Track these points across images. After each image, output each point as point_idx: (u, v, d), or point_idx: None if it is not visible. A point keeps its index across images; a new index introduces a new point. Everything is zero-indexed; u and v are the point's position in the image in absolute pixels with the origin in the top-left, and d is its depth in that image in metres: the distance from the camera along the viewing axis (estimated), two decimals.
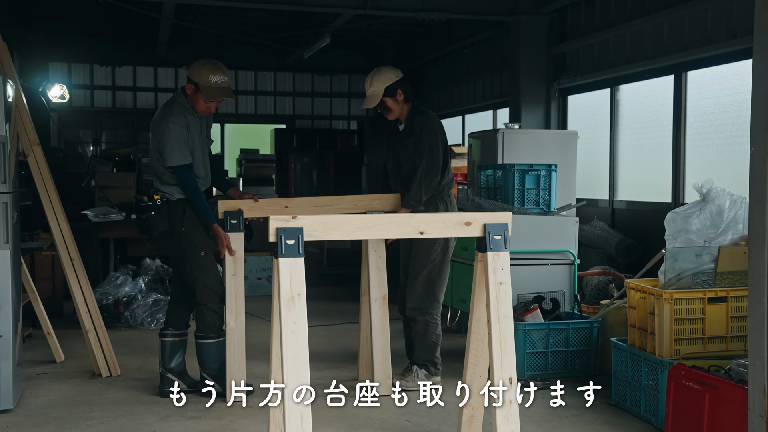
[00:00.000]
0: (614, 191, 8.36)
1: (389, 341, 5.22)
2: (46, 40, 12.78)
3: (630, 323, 4.86)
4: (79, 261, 5.65)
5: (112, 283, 7.61)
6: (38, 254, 7.50)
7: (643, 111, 8.07)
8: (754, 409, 3.14)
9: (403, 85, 5.27)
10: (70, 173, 10.08)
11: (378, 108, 5.34)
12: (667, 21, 7.39)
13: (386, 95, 5.25)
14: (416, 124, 5.25)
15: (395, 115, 5.34)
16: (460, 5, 9.21)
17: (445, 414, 4.72)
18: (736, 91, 6.72)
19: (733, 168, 6.69)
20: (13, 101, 5.10)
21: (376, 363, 5.15)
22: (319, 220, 3.46)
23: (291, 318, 3.20)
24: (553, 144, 7.51)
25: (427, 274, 5.25)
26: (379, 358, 5.15)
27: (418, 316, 5.28)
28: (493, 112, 11.32)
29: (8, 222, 4.74)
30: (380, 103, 5.28)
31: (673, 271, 4.67)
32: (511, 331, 3.56)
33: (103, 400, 5.06)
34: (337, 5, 9.23)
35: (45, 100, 11.21)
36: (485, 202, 6.32)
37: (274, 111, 14.60)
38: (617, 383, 4.96)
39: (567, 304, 6.15)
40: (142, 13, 10.24)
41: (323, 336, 6.97)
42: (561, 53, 9.26)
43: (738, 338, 4.56)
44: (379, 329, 5.15)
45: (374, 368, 5.15)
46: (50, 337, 6.06)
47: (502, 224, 3.59)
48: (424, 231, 3.58)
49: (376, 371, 5.14)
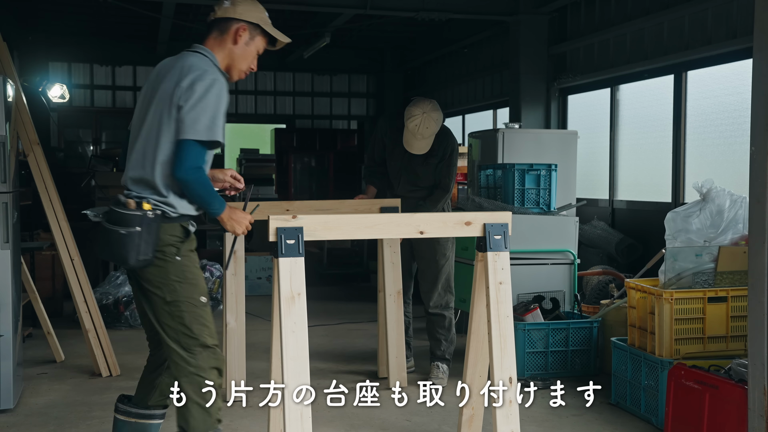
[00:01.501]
0: (614, 191, 8.35)
1: (404, 335, 5.39)
2: (46, 39, 12.77)
3: (630, 323, 4.86)
4: (79, 261, 5.65)
5: (112, 283, 7.61)
6: (38, 254, 7.50)
7: (643, 111, 8.06)
8: (754, 408, 3.14)
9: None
10: (70, 173, 10.08)
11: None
12: (667, 21, 7.39)
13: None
14: (446, 147, 5.39)
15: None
16: (460, 5, 9.20)
17: (445, 414, 4.72)
18: (736, 90, 6.71)
19: (733, 168, 6.69)
20: (13, 101, 5.10)
21: (391, 357, 5.28)
22: (319, 220, 3.46)
23: (291, 318, 3.20)
24: (553, 144, 7.51)
25: (447, 271, 5.49)
26: (394, 352, 5.29)
27: (444, 312, 5.51)
28: (493, 111, 11.31)
29: (8, 222, 4.74)
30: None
31: (673, 271, 4.67)
32: (511, 330, 3.56)
33: (103, 400, 5.06)
34: (337, 5, 9.22)
35: (45, 100, 11.22)
36: (485, 201, 6.32)
37: (274, 111, 14.59)
38: (617, 383, 4.96)
39: (567, 304, 6.15)
40: (142, 12, 10.24)
41: (323, 336, 6.97)
42: (561, 53, 9.26)
43: (738, 338, 4.56)
44: (394, 323, 5.30)
45: (389, 362, 5.29)
46: (50, 336, 6.06)
47: (502, 224, 3.59)
48: (424, 231, 3.58)
49: (391, 365, 5.28)
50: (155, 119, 3.21)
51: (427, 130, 5.20)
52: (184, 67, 3.22)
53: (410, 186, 5.47)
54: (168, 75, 3.24)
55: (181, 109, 3.13)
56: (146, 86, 3.35)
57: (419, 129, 5.18)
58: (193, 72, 3.17)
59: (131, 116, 3.42)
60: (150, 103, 3.25)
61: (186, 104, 3.12)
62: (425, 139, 5.25)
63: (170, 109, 3.16)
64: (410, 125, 5.20)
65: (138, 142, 3.26)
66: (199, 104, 3.12)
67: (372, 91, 15.19)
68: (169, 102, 3.16)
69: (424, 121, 5.17)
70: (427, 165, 5.40)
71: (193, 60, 3.25)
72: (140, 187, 3.24)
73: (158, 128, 3.20)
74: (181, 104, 3.13)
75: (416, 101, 5.26)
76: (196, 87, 3.13)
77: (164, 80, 3.23)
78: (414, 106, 5.22)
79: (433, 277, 5.46)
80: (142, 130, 3.26)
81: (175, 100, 3.15)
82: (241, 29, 3.32)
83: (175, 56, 3.36)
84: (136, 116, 3.33)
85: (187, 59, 3.27)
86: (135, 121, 3.33)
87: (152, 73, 3.38)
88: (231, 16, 3.29)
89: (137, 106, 3.36)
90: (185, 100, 3.13)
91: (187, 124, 3.12)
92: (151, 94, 3.28)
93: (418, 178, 5.45)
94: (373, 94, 15.19)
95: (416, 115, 5.18)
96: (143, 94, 3.34)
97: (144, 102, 3.31)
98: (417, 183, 5.46)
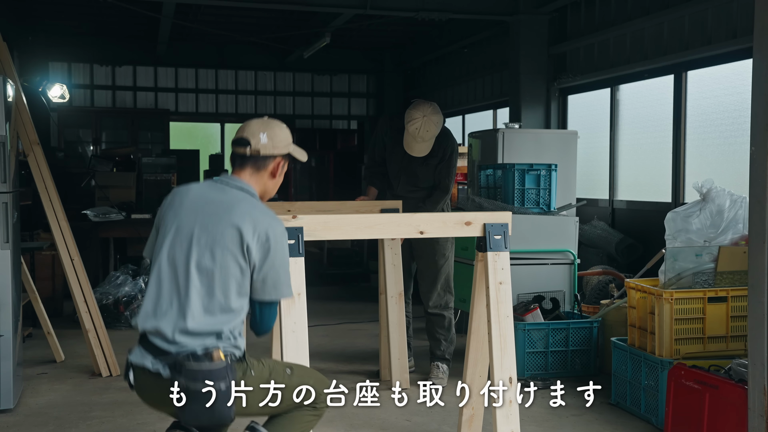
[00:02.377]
0: (614, 191, 8.35)
1: (406, 337, 5.39)
2: (46, 39, 12.77)
3: (630, 323, 4.86)
4: (79, 261, 5.65)
5: (112, 283, 7.61)
6: (38, 254, 7.50)
7: (643, 111, 8.06)
8: (754, 408, 3.14)
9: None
10: (70, 173, 10.06)
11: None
12: (667, 21, 7.39)
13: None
14: (446, 148, 5.38)
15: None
16: (460, 5, 9.20)
17: (445, 414, 4.72)
18: (736, 90, 6.71)
19: (733, 168, 6.69)
20: (13, 101, 5.10)
21: (393, 358, 5.28)
22: (319, 220, 3.46)
23: (291, 318, 3.20)
24: (553, 144, 7.51)
25: (446, 271, 5.49)
26: (396, 353, 5.29)
27: (444, 312, 5.51)
28: (493, 111, 11.31)
29: (8, 222, 4.74)
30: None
31: (673, 271, 4.66)
32: (511, 330, 3.56)
33: (103, 400, 5.06)
34: (337, 5, 9.22)
35: (45, 100, 11.22)
36: (485, 201, 6.31)
37: (275, 111, 14.58)
38: (617, 383, 4.96)
39: (567, 304, 6.15)
40: (142, 12, 10.24)
41: (323, 336, 6.97)
42: (561, 53, 9.25)
43: (738, 338, 4.56)
44: (396, 325, 5.30)
45: (391, 363, 5.28)
46: (50, 336, 6.06)
47: (502, 224, 3.60)
48: (424, 231, 3.58)
49: (393, 366, 5.27)
50: (218, 267, 2.81)
51: (428, 134, 5.20)
52: (245, 214, 2.86)
53: (410, 186, 5.48)
54: (225, 218, 2.85)
55: (257, 268, 2.85)
56: (182, 218, 2.89)
57: (419, 132, 5.18)
58: (260, 223, 2.85)
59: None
60: (197, 244, 2.84)
61: (264, 262, 2.84)
62: (425, 142, 5.25)
63: (238, 260, 2.82)
64: (410, 128, 5.19)
65: (191, 288, 2.81)
66: (277, 261, 2.87)
67: (372, 91, 15.19)
68: (238, 252, 2.82)
69: (425, 125, 5.16)
70: (426, 166, 5.41)
71: (250, 206, 2.90)
72: (202, 337, 2.82)
73: (225, 277, 2.82)
74: (255, 262, 2.83)
75: (416, 104, 5.24)
76: (271, 243, 2.85)
77: (220, 223, 2.85)
78: (414, 109, 5.20)
79: (432, 277, 5.46)
80: (191, 273, 2.82)
81: (246, 253, 2.82)
82: (281, 163, 3.07)
83: (217, 187, 2.97)
84: (169, 249, 2.87)
85: (243, 204, 2.90)
86: (168, 255, 2.87)
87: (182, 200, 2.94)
88: (271, 154, 3.03)
89: (168, 238, 2.88)
90: (262, 258, 2.84)
91: (269, 284, 2.87)
92: (194, 231, 2.86)
93: (418, 179, 5.45)
94: (373, 94, 15.19)
95: (416, 119, 5.16)
96: (175, 225, 2.89)
97: (182, 236, 2.87)
98: (416, 183, 5.46)
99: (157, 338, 2.80)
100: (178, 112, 14.11)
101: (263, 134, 3.00)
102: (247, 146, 2.98)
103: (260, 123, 3.04)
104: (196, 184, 3.02)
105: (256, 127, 3.02)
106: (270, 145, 3.00)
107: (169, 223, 2.91)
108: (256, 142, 2.99)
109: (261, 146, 2.99)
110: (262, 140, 2.99)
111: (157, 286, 2.85)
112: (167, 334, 2.78)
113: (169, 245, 2.87)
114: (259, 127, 3.02)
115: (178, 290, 2.82)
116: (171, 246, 2.87)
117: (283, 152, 3.05)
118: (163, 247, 2.88)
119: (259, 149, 2.98)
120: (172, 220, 2.91)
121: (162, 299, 2.83)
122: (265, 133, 3.00)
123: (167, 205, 2.97)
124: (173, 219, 2.91)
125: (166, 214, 2.94)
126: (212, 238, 2.82)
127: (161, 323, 2.80)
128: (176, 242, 2.87)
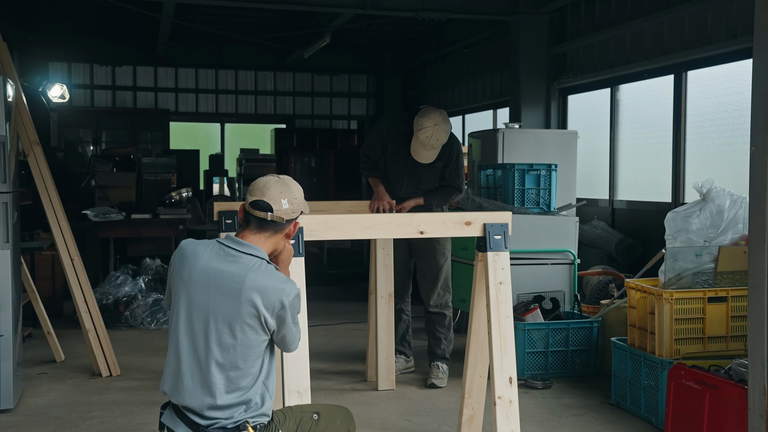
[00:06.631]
0: (614, 191, 8.36)
1: (393, 338, 5.36)
2: (46, 39, 12.78)
3: (630, 323, 4.87)
4: (79, 261, 5.65)
5: (112, 283, 7.61)
6: (38, 254, 7.50)
7: (643, 111, 8.06)
8: (754, 409, 3.14)
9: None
10: (70, 173, 10.07)
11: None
12: (667, 21, 7.39)
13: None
14: (451, 150, 5.39)
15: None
16: (460, 5, 9.20)
17: (445, 414, 4.72)
18: (736, 90, 6.71)
19: (733, 168, 6.69)
20: (13, 101, 5.10)
21: (380, 359, 5.25)
22: (318, 220, 3.47)
23: None
24: (553, 144, 7.51)
25: (446, 270, 5.52)
26: (384, 354, 5.27)
27: (444, 311, 5.52)
28: (493, 111, 11.31)
29: (8, 222, 4.74)
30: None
31: (673, 271, 4.66)
32: (511, 330, 3.56)
33: (103, 400, 5.07)
34: (337, 5, 9.22)
35: (45, 100, 11.21)
36: (485, 201, 6.32)
37: (274, 111, 14.59)
38: (617, 383, 4.96)
39: (567, 304, 6.15)
40: (142, 12, 10.24)
41: (323, 336, 6.97)
42: (561, 53, 9.26)
43: (738, 338, 4.56)
44: (384, 326, 5.28)
45: (378, 364, 5.25)
46: (50, 336, 6.07)
47: (502, 224, 3.60)
48: (425, 231, 3.59)
49: (380, 367, 5.24)
50: (239, 342, 2.78)
51: (438, 142, 5.18)
52: (258, 286, 2.80)
53: (412, 189, 5.46)
54: (238, 293, 2.78)
55: (276, 332, 2.86)
56: (194, 293, 2.82)
57: (430, 140, 5.14)
58: (274, 293, 2.80)
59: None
60: (214, 320, 2.79)
61: (282, 327, 2.85)
62: (435, 149, 5.24)
63: (257, 332, 2.79)
64: (421, 136, 5.14)
65: (212, 365, 2.78)
66: (293, 325, 2.89)
67: (372, 91, 15.19)
68: (257, 325, 2.79)
69: (435, 133, 5.13)
70: (431, 168, 5.40)
71: (263, 275, 2.83)
72: (231, 409, 2.80)
73: (246, 349, 2.79)
74: (273, 328, 2.83)
75: (426, 111, 5.17)
76: (287, 309, 2.83)
77: (235, 299, 2.78)
78: (425, 117, 5.13)
79: (433, 276, 5.46)
80: (212, 349, 2.78)
81: (264, 324, 2.79)
82: (297, 223, 3.07)
83: (226, 255, 2.86)
84: (185, 323, 2.82)
85: (255, 274, 2.82)
86: (185, 328, 2.82)
87: (191, 272, 2.85)
88: (291, 218, 2.98)
89: (183, 311, 2.82)
90: (279, 324, 2.84)
91: (287, 341, 2.91)
92: (209, 307, 2.80)
93: (421, 182, 5.44)
94: (372, 94, 15.19)
95: (428, 127, 5.12)
96: (188, 299, 2.83)
97: (197, 311, 2.81)
98: (419, 186, 5.46)
99: (187, 411, 2.81)
100: (178, 112, 14.11)
101: (284, 200, 2.94)
102: (268, 212, 2.91)
103: (279, 186, 2.97)
104: (203, 248, 2.89)
105: (276, 191, 2.95)
106: (290, 210, 2.95)
107: (179, 293, 2.85)
108: (278, 208, 2.92)
109: (283, 212, 2.94)
110: (284, 206, 2.93)
111: (177, 359, 2.82)
112: (196, 409, 2.79)
113: (185, 318, 2.82)
114: (278, 190, 2.95)
115: (200, 365, 2.79)
116: (187, 319, 2.82)
117: (299, 214, 3.03)
118: (179, 319, 2.83)
119: (283, 216, 2.94)
120: (182, 291, 2.84)
121: (183, 375, 2.80)
122: (286, 198, 2.94)
123: (176, 269, 2.88)
124: (183, 290, 2.84)
125: (176, 283, 2.87)
126: (228, 315, 2.77)
127: (188, 400, 2.79)
128: (193, 316, 2.82)
